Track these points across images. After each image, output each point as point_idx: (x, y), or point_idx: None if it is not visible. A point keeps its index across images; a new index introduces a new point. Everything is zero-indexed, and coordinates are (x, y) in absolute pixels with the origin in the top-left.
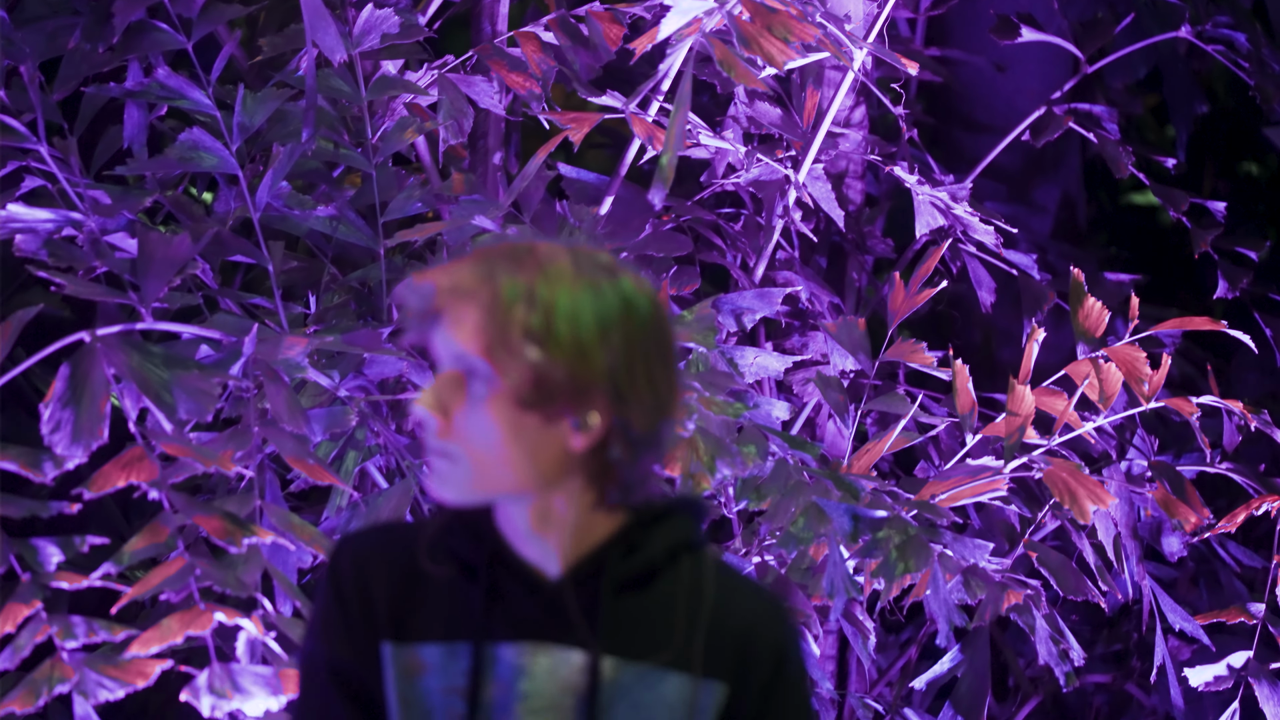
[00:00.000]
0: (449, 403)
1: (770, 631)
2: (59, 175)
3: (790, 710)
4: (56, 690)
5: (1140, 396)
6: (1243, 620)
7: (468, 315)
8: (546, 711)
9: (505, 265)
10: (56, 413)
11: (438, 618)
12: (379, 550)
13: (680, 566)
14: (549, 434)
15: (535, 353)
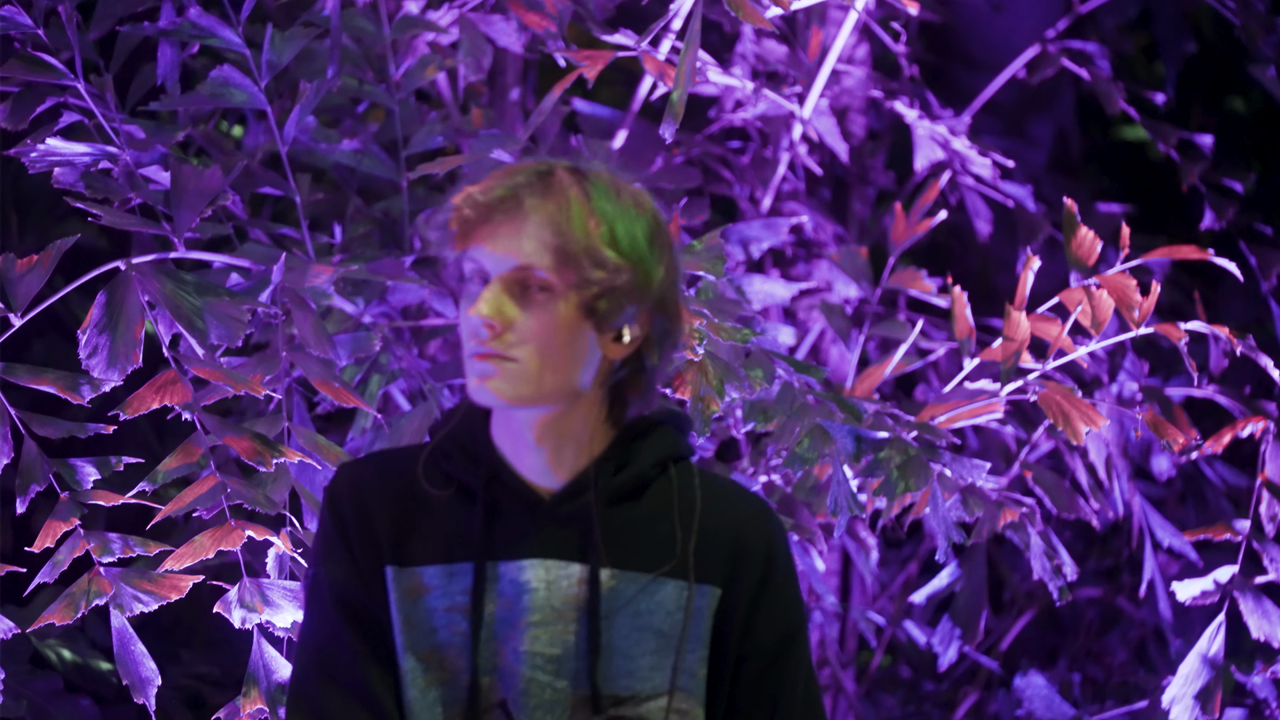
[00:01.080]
0: (508, 309)
1: (758, 533)
2: (95, 111)
3: (779, 605)
4: (94, 603)
5: (1130, 322)
6: (1228, 537)
7: (531, 227)
8: (550, 624)
9: (558, 180)
10: (93, 338)
11: (438, 540)
12: (377, 477)
13: (669, 477)
14: (597, 342)
15: (604, 262)
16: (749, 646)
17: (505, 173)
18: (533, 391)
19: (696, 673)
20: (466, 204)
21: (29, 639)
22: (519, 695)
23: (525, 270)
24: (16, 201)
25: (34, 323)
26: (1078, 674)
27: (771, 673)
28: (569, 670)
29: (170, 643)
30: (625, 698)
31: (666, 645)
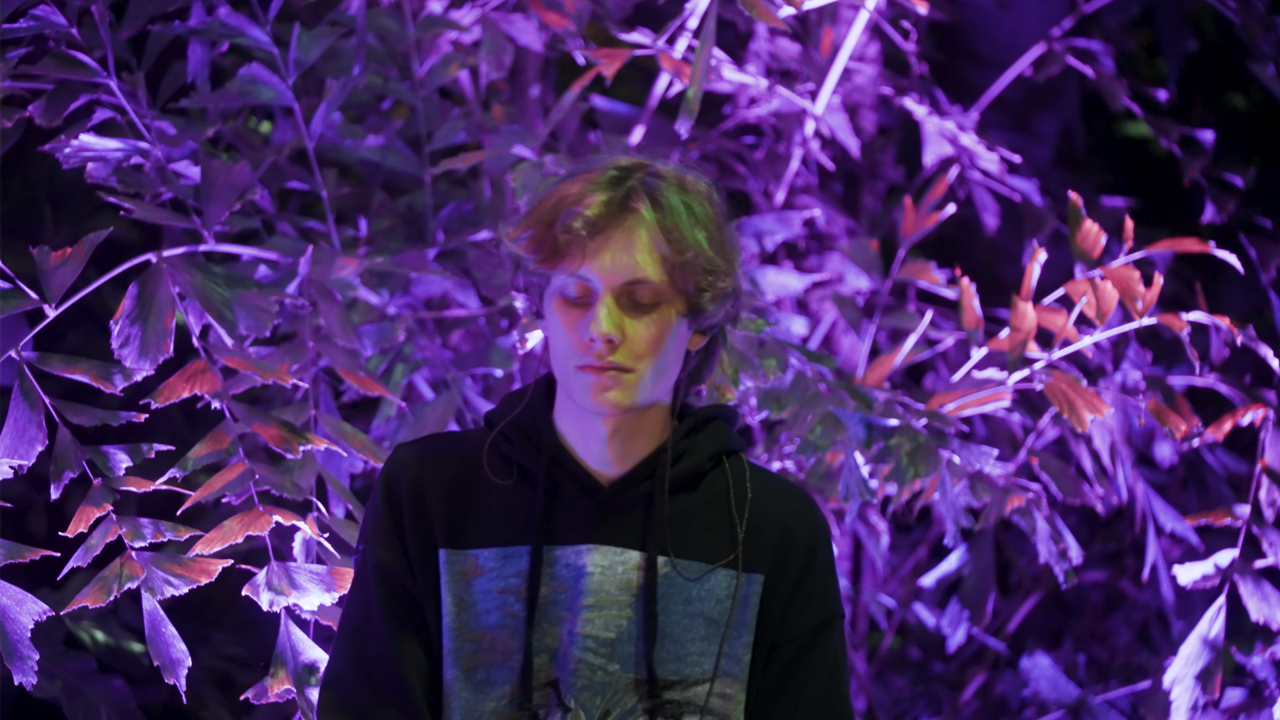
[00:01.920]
0: (626, 323)
1: (805, 525)
2: (127, 108)
3: (816, 596)
4: (126, 586)
5: (1134, 313)
6: (1229, 522)
7: (642, 239)
8: (606, 608)
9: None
10: (125, 328)
11: (493, 523)
12: (433, 461)
13: (723, 469)
14: (686, 339)
15: (715, 268)
16: (784, 633)
17: (593, 182)
18: (645, 397)
19: (741, 658)
20: (576, 222)
21: (63, 621)
22: (570, 676)
23: (640, 284)
24: (51, 196)
25: (68, 313)
26: (1082, 655)
27: (800, 660)
28: (621, 654)
29: (200, 624)
30: (674, 681)
31: (714, 631)
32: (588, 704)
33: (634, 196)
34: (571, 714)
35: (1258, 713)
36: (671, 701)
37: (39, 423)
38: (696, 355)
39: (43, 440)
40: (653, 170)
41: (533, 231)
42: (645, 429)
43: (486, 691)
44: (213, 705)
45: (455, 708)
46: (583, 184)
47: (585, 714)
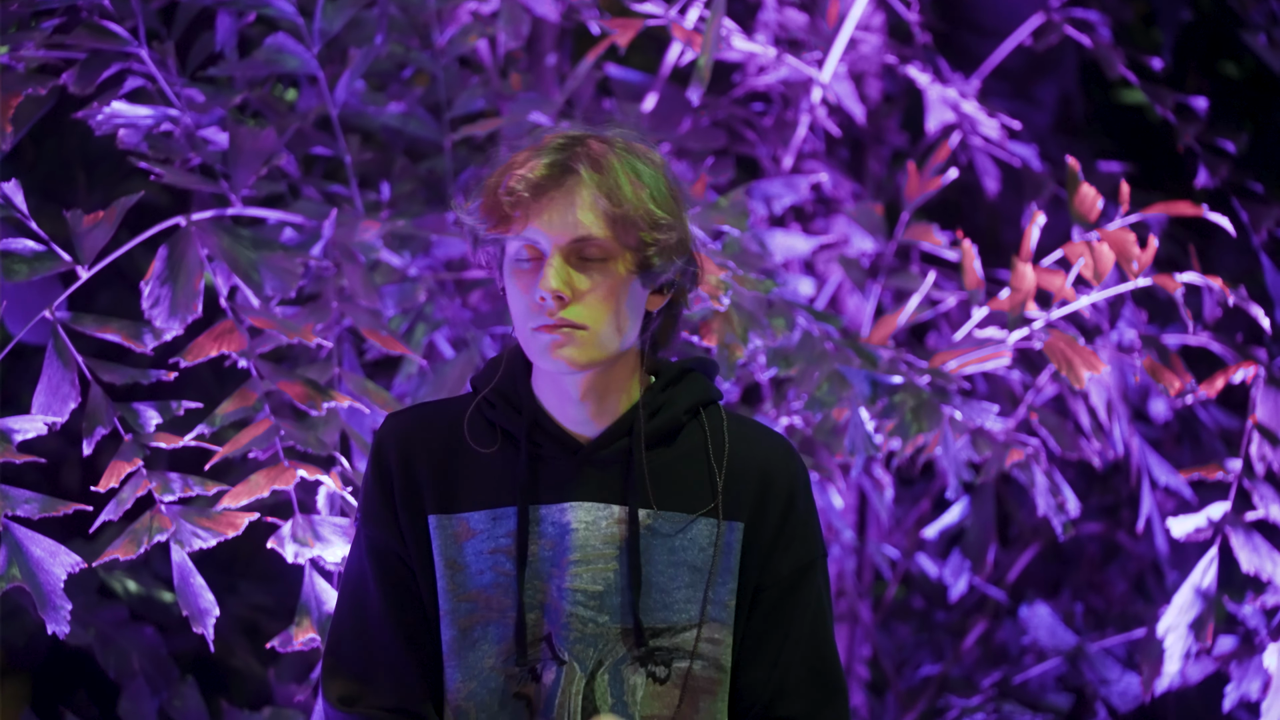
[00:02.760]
0: (575, 279)
1: (783, 471)
2: (158, 76)
3: (798, 539)
4: (155, 539)
5: (1130, 274)
6: (1221, 476)
7: (585, 198)
8: (592, 562)
9: (595, 150)
10: (155, 289)
11: (481, 486)
12: (420, 430)
13: (700, 421)
14: (643, 298)
15: (657, 222)
16: (767, 577)
17: (539, 150)
18: (601, 354)
19: (727, 604)
20: (520, 185)
21: (96, 572)
22: (562, 630)
23: (584, 241)
24: (84, 161)
25: (100, 275)
26: (1080, 604)
27: (786, 602)
28: (610, 605)
29: (229, 575)
30: (662, 629)
31: (699, 579)
32: (581, 655)
33: (575, 159)
34: (566, 666)
35: (1248, 660)
36: (661, 648)
37: (72, 381)
38: (659, 315)
39: (75, 398)
40: (599, 137)
41: (481, 200)
42: (617, 387)
43: (483, 649)
44: (241, 653)
45: (455, 666)
46: (528, 153)
47: (579, 665)
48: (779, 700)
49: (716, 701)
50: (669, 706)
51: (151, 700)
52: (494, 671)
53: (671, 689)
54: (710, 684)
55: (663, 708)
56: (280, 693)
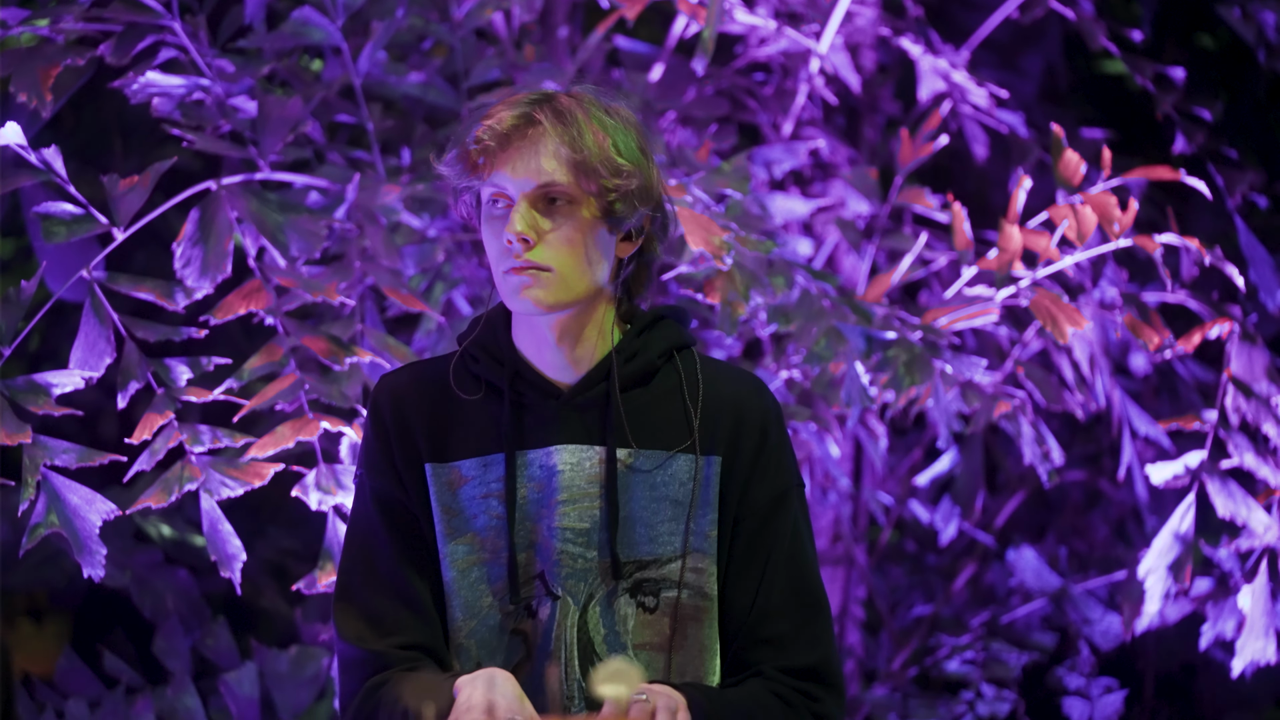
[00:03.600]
0: (539, 222)
1: (755, 407)
2: (190, 48)
3: (773, 469)
4: (186, 488)
5: (1111, 235)
6: (1198, 426)
7: (548, 146)
8: (578, 501)
9: (562, 103)
10: (187, 250)
11: (471, 436)
12: (413, 386)
13: (674, 364)
14: (610, 244)
15: (618, 169)
16: (745, 507)
17: (509, 104)
18: (567, 296)
19: (709, 534)
20: (486, 135)
21: (132, 518)
22: (554, 567)
23: (548, 186)
24: (120, 129)
25: (135, 236)
26: (1064, 548)
27: (765, 530)
28: (597, 541)
29: (257, 520)
30: (648, 561)
31: (680, 512)
32: (573, 590)
33: (539, 109)
34: (559, 601)
35: (1223, 601)
36: (649, 580)
37: (108, 337)
38: (630, 262)
39: (111, 353)
40: (568, 93)
41: (455, 151)
42: (593, 334)
43: (481, 588)
44: (269, 594)
45: (456, 605)
46: (500, 106)
47: (572, 600)
48: (763, 622)
49: (705, 628)
50: (659, 634)
51: (185, 639)
52: (492, 609)
53: (661, 618)
54: (698, 612)
55: (653, 635)
56: (306, 632)
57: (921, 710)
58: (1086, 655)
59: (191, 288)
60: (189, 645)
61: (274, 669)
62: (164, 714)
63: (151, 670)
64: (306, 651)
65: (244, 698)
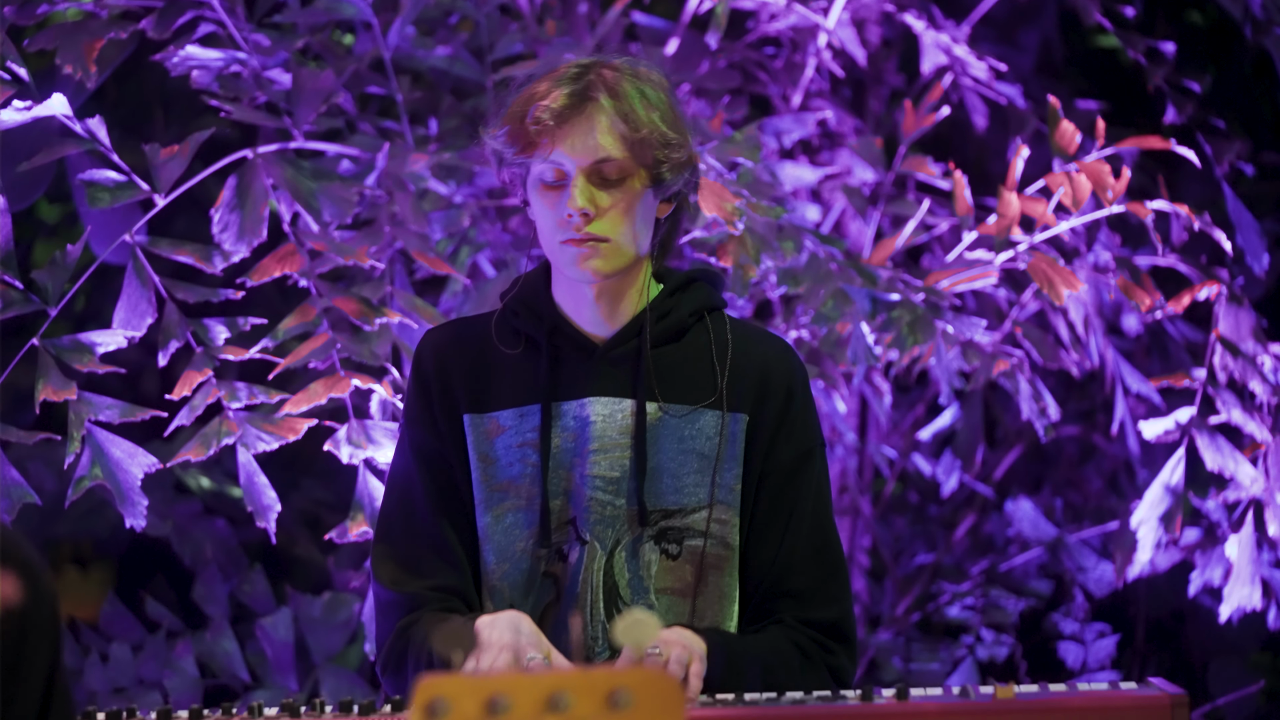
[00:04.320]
0: (597, 197)
1: (781, 368)
2: (227, 22)
3: (797, 428)
4: (224, 442)
5: (1105, 201)
6: (1187, 384)
7: (602, 123)
8: (609, 451)
9: (608, 79)
10: (225, 216)
11: (509, 388)
12: (454, 341)
13: (705, 324)
14: (654, 209)
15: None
16: (771, 464)
17: (557, 80)
18: (622, 262)
19: (733, 488)
20: (543, 114)
21: (172, 471)
22: (584, 514)
23: (604, 161)
24: (161, 100)
25: (175, 202)
26: (1059, 499)
27: (789, 487)
28: (626, 489)
29: (292, 473)
30: (674, 510)
31: (706, 465)
32: (601, 535)
33: (593, 88)
34: (588, 546)
35: (1211, 550)
36: (673, 528)
37: (149, 298)
38: (665, 222)
39: (152, 314)
40: (608, 64)
41: (509, 128)
42: (629, 293)
43: (514, 533)
44: (302, 543)
45: (490, 549)
46: (548, 82)
47: (599, 545)
48: (786, 576)
49: (725, 576)
50: (681, 580)
51: (223, 585)
52: (524, 553)
53: (683, 565)
54: (719, 560)
55: (675, 581)
56: (338, 578)
57: (923, 654)
58: (1081, 602)
59: (229, 251)
60: (227, 591)
61: (307, 614)
62: (203, 657)
63: (191, 615)
64: (338, 598)
65: (279, 641)
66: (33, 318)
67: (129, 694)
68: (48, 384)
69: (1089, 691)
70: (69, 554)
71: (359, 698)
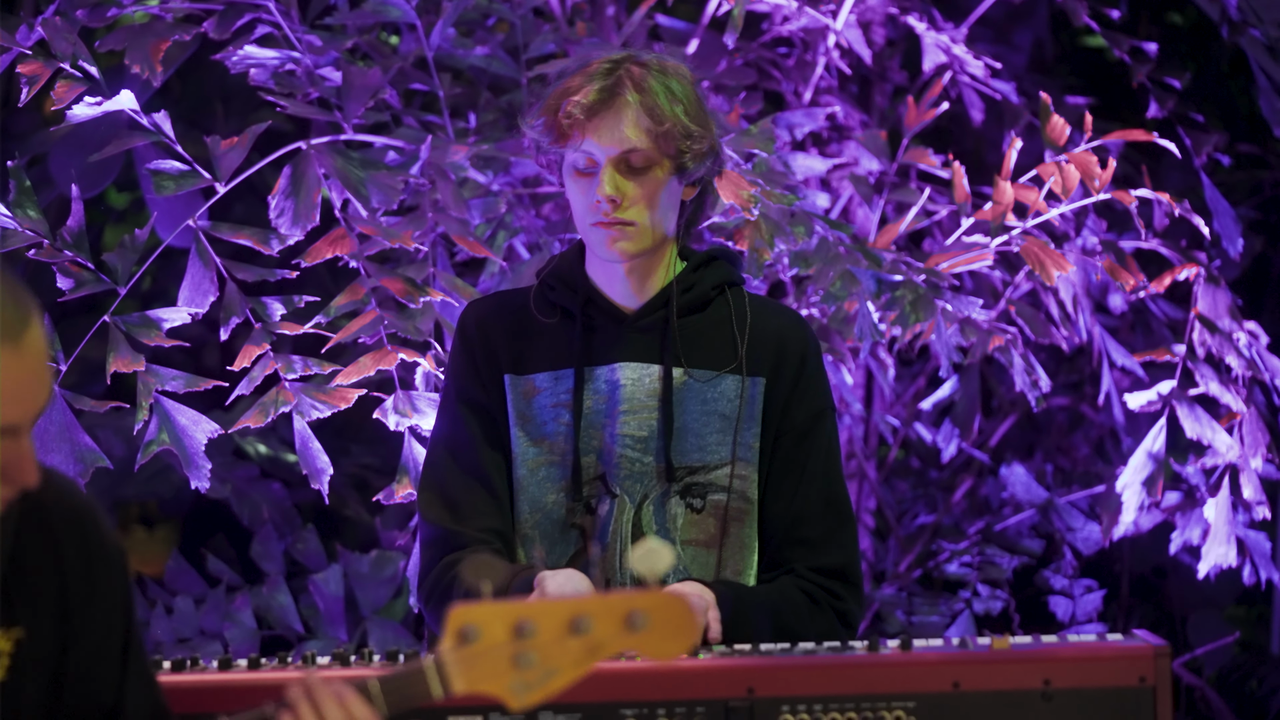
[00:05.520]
0: (623, 185)
1: (796, 337)
2: (283, 24)
3: (810, 392)
4: (280, 410)
5: (1092, 190)
6: (1168, 358)
7: (629, 117)
8: (638, 412)
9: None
10: (281, 202)
11: (546, 353)
12: (496, 309)
13: (725, 298)
14: (679, 193)
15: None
16: (786, 424)
17: (588, 75)
18: (649, 244)
19: (752, 446)
20: (574, 108)
21: (232, 437)
22: (614, 469)
23: (631, 151)
24: (221, 95)
25: (235, 190)
26: (1050, 465)
27: (802, 445)
28: (654, 448)
29: (342, 440)
30: (698, 467)
31: (728, 425)
32: (630, 490)
33: (621, 84)
34: (617, 500)
35: (1190, 511)
36: (697, 484)
37: (211, 278)
38: (690, 204)
39: (214, 292)
40: (637, 60)
41: (544, 119)
42: (656, 268)
43: (548, 486)
44: (352, 504)
45: (524, 500)
46: (580, 78)
47: (628, 498)
48: (798, 525)
49: (746, 528)
50: (705, 533)
51: (278, 543)
52: (556, 505)
53: (707, 517)
54: (740, 513)
55: (699, 533)
56: (385, 538)
57: (924, 607)
58: (1070, 559)
59: (285, 235)
60: (282, 549)
61: (356, 570)
62: (260, 610)
63: (249, 571)
64: (385, 555)
65: (330, 595)
66: (103, 296)
67: (192, 644)
68: (118, 357)
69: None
70: (137, 514)
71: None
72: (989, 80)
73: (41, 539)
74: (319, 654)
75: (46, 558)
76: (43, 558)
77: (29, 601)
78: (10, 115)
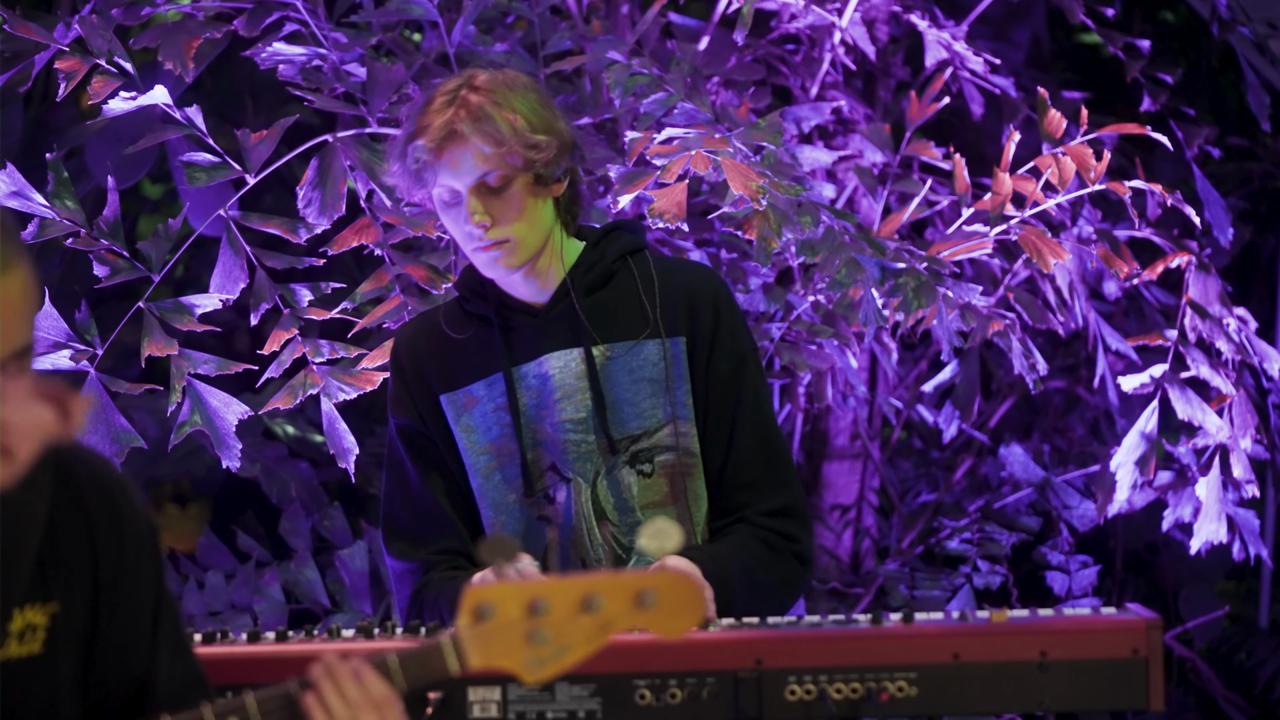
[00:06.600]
0: (490, 207)
1: (706, 291)
2: (310, 21)
3: (729, 340)
4: (309, 392)
5: (1088, 181)
6: (1161, 343)
7: (474, 146)
8: (571, 396)
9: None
10: (308, 192)
11: (474, 362)
12: (421, 332)
13: (629, 267)
14: (546, 194)
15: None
16: (711, 374)
17: (429, 113)
18: (530, 252)
19: (686, 403)
20: (421, 153)
21: (261, 419)
22: (563, 456)
23: (485, 174)
24: (251, 90)
25: (264, 181)
26: (1047, 445)
27: (729, 392)
28: (592, 425)
29: (367, 421)
30: (639, 434)
31: (659, 389)
32: (581, 471)
33: (457, 117)
34: (572, 483)
35: (1182, 490)
36: (643, 449)
37: (241, 265)
38: (563, 196)
39: (244, 279)
40: (472, 85)
41: (398, 167)
42: (551, 260)
43: (505, 488)
44: (376, 483)
45: (486, 505)
46: (423, 118)
47: (582, 479)
48: (738, 470)
49: (695, 480)
50: (660, 493)
51: (306, 520)
52: (516, 504)
53: (659, 479)
54: (687, 468)
55: (655, 495)
56: None
57: (926, 582)
58: (1066, 536)
59: (312, 224)
60: (309, 526)
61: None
62: (288, 584)
63: (278, 547)
64: None
65: (355, 571)
66: (138, 283)
67: (223, 617)
68: (152, 341)
69: (1073, 615)
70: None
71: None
72: (989, 76)
73: (75, 516)
74: (344, 627)
75: (80, 534)
76: (77, 534)
77: (64, 577)
78: (49, 109)
